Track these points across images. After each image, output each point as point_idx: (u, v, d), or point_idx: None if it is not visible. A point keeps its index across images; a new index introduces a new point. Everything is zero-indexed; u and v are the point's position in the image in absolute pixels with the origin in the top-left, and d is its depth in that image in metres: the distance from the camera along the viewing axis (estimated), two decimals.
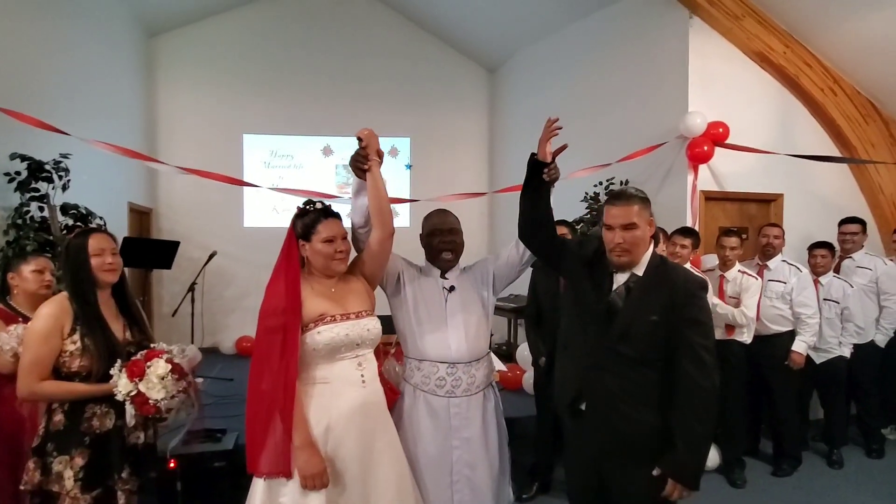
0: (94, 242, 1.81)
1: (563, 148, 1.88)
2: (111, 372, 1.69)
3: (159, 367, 1.67)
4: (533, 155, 1.85)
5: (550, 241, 1.91)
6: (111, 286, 1.87)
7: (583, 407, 1.76)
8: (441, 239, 2.04)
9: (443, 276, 2.07)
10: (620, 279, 1.77)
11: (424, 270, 2.11)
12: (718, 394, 1.66)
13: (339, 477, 1.66)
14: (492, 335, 3.35)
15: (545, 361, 2.98)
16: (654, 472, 1.66)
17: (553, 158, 1.84)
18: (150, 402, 1.65)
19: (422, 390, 1.98)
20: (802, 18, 4.19)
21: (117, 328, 1.82)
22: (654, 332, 1.67)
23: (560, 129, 1.84)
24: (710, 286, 2.63)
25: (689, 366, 1.64)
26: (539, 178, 1.84)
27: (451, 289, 2.04)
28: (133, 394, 1.65)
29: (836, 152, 4.54)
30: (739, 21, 4.22)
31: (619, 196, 1.76)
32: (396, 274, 2.04)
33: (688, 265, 3.29)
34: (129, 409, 1.69)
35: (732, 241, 3.42)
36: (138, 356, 1.71)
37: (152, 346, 1.78)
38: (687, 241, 3.32)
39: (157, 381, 1.66)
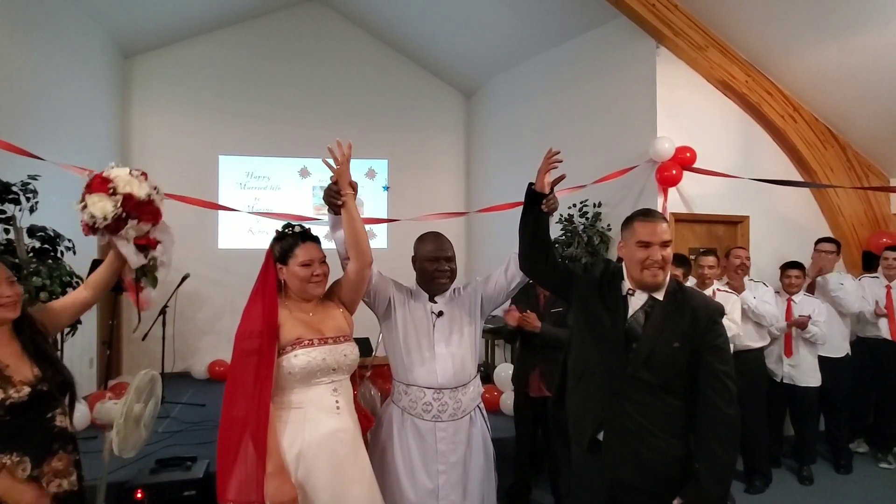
0: None
1: (562, 178, 1.82)
2: (77, 206, 1.60)
3: (117, 172, 1.62)
4: (530, 185, 1.79)
5: (553, 269, 1.85)
6: (11, 322, 1.56)
7: (600, 437, 1.70)
8: (437, 268, 2.05)
9: (432, 299, 2.07)
10: (636, 303, 1.72)
11: (414, 294, 2.11)
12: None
13: None
14: None
15: (553, 391, 2.91)
16: (676, 502, 1.62)
17: (551, 189, 1.80)
18: (144, 196, 1.63)
19: (410, 414, 1.98)
20: (763, 49, 4.40)
21: (23, 365, 1.53)
22: (677, 358, 1.64)
23: (560, 161, 1.77)
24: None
25: (713, 393, 1.61)
26: (537, 208, 1.79)
27: (440, 314, 2.04)
28: (119, 206, 1.57)
29: (797, 176, 4.73)
30: (703, 51, 4.41)
31: (652, 214, 1.73)
32: (387, 299, 2.04)
33: None
34: (128, 248, 1.65)
35: (710, 259, 3.49)
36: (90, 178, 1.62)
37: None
38: (678, 271, 3.25)
39: (129, 178, 1.63)
